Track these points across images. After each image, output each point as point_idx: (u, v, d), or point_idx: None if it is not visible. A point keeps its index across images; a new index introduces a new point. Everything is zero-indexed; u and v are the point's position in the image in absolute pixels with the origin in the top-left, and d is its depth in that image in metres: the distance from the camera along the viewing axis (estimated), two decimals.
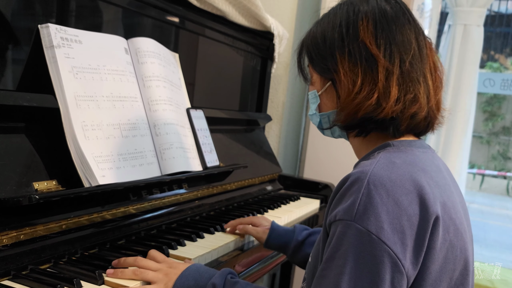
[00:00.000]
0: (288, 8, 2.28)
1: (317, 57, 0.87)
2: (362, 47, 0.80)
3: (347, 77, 0.81)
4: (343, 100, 0.82)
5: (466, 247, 0.77)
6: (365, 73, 0.79)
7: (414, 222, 0.70)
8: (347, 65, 0.81)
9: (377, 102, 0.79)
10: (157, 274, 0.89)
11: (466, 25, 2.79)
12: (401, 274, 0.68)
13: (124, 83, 1.18)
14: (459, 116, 2.78)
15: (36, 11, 1.09)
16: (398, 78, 0.79)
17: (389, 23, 0.81)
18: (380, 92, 0.78)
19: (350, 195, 0.72)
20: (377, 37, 0.80)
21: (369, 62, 0.79)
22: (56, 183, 0.99)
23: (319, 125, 0.93)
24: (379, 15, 0.82)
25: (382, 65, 0.79)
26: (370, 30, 0.80)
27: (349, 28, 0.82)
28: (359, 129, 0.84)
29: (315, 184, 1.96)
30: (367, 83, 0.79)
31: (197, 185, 1.42)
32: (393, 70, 0.79)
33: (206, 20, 1.62)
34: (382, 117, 0.79)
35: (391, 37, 0.80)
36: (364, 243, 0.68)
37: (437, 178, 0.77)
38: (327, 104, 0.89)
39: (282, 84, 2.31)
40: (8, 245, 0.86)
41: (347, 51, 0.81)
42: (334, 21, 0.85)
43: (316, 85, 0.90)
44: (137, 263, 0.92)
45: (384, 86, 0.79)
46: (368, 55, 0.80)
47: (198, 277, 0.87)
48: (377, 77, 0.79)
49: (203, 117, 1.47)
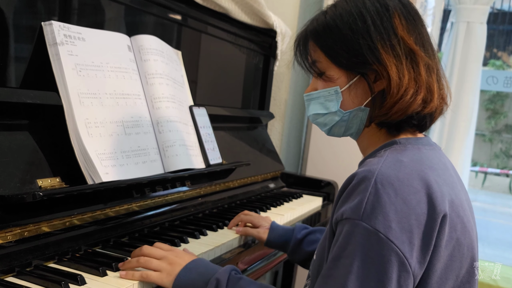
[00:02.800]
0: (290, 6, 2.28)
1: (344, 50, 0.80)
2: (402, 43, 0.79)
3: (393, 72, 0.77)
4: (392, 96, 0.78)
5: (473, 245, 0.77)
6: (410, 69, 0.78)
7: (422, 221, 0.69)
8: (392, 59, 0.78)
9: (424, 99, 0.79)
10: (160, 263, 0.88)
11: (469, 23, 2.78)
12: (407, 273, 0.68)
13: (127, 81, 1.18)
14: (461, 113, 2.78)
15: (39, 8, 1.09)
16: (437, 73, 0.81)
17: (416, 20, 0.82)
18: (425, 88, 0.79)
19: (357, 194, 0.71)
20: (410, 33, 0.80)
21: (411, 57, 0.79)
22: (60, 180, 0.99)
23: (333, 126, 0.87)
24: (405, 11, 0.81)
25: (423, 61, 0.79)
26: (404, 25, 0.80)
27: (383, 22, 0.79)
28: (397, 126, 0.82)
29: (318, 181, 1.96)
30: (412, 79, 0.78)
31: (200, 182, 1.42)
32: (433, 65, 0.80)
33: (209, 17, 1.62)
34: (426, 113, 0.80)
35: (419, 34, 0.81)
36: (371, 242, 0.68)
37: (444, 176, 0.76)
38: (354, 100, 0.83)
39: (284, 82, 2.31)
40: (12, 241, 0.86)
41: (389, 45, 0.78)
42: (359, 13, 0.80)
43: (339, 81, 0.83)
44: (142, 251, 0.92)
45: (427, 82, 0.79)
46: (407, 50, 0.79)
47: (203, 271, 0.86)
48: (420, 73, 0.78)
49: (206, 115, 1.47)
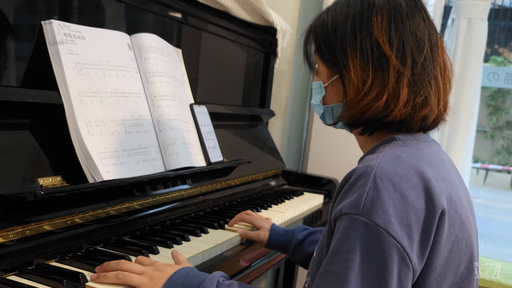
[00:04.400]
0: (291, 3, 2.27)
1: (326, 49, 0.84)
2: (374, 45, 0.78)
3: (357, 75, 0.78)
4: (351, 98, 0.80)
5: (471, 242, 0.77)
6: (376, 73, 0.78)
7: (420, 216, 0.69)
8: (358, 62, 0.79)
9: (386, 104, 0.77)
10: (141, 278, 0.81)
11: (470, 19, 2.77)
12: (407, 268, 0.68)
13: (127, 79, 1.18)
14: (463, 110, 2.77)
15: (39, 7, 1.09)
16: (409, 80, 0.77)
17: (404, 21, 0.79)
18: (389, 94, 0.77)
19: (356, 189, 0.71)
20: (390, 35, 0.78)
21: (381, 61, 0.78)
22: (61, 179, 0.99)
23: (321, 117, 0.92)
24: (394, 11, 0.79)
25: (393, 66, 0.77)
26: (384, 28, 0.78)
27: (362, 23, 0.79)
28: (363, 128, 0.83)
29: (319, 179, 1.96)
30: (377, 83, 0.78)
31: (201, 180, 1.42)
32: (405, 72, 0.77)
33: (209, 15, 1.62)
34: (390, 119, 0.78)
35: (405, 37, 0.78)
36: (372, 236, 0.68)
37: (442, 172, 0.77)
38: (333, 97, 0.87)
39: (285, 80, 2.31)
40: (14, 240, 0.87)
41: (359, 48, 0.79)
42: (347, 13, 0.81)
43: (322, 77, 0.87)
44: (120, 266, 0.84)
45: (394, 88, 0.77)
46: (380, 54, 0.78)
47: (188, 282, 0.80)
48: (388, 78, 0.77)
49: (207, 113, 1.47)
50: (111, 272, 0.83)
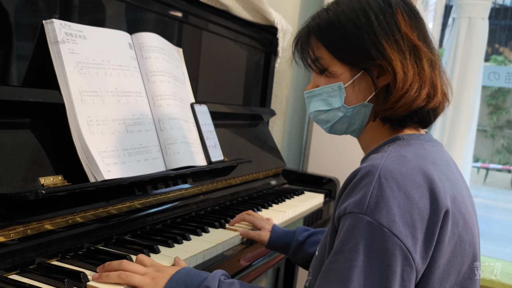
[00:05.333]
0: (291, 2, 2.27)
1: (347, 46, 0.81)
2: (405, 39, 0.79)
3: (398, 66, 0.78)
4: (397, 91, 0.78)
5: (474, 241, 0.77)
6: (414, 64, 0.79)
7: (424, 216, 0.69)
8: (397, 54, 0.79)
9: (428, 94, 0.80)
10: (143, 278, 0.82)
11: (471, 18, 2.77)
12: (411, 268, 0.68)
13: (128, 78, 1.18)
14: (463, 109, 2.77)
15: (40, 6, 1.09)
16: (439, 69, 0.82)
17: (417, 17, 0.83)
18: (429, 84, 0.80)
19: (361, 188, 0.71)
20: (413, 29, 0.81)
21: (415, 53, 0.80)
22: (62, 178, 0.99)
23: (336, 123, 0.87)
24: (407, 8, 0.82)
25: (426, 56, 0.80)
26: (407, 22, 0.81)
27: (386, 17, 0.80)
28: (401, 121, 0.83)
29: (319, 178, 1.97)
30: (416, 74, 0.79)
31: (202, 179, 1.42)
32: (435, 60, 0.81)
33: (210, 14, 1.62)
34: (430, 108, 0.81)
35: (421, 30, 0.82)
36: (375, 236, 0.68)
37: (446, 172, 0.77)
38: (358, 96, 0.83)
39: (286, 79, 2.31)
40: (15, 239, 0.87)
41: (393, 40, 0.79)
42: (362, 9, 0.81)
43: (342, 77, 0.83)
44: (122, 266, 0.85)
45: (431, 77, 0.80)
46: (411, 46, 0.79)
47: (189, 281, 0.81)
48: (423, 69, 0.79)
49: (207, 112, 1.47)
50: (113, 272, 0.84)
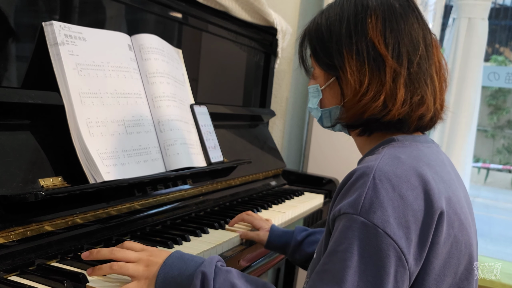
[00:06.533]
0: (291, 3, 2.27)
1: (322, 52, 0.84)
2: (370, 46, 0.78)
3: (353, 77, 0.79)
4: (349, 100, 0.80)
5: (470, 242, 0.77)
6: (372, 74, 0.78)
7: (419, 217, 0.70)
8: (354, 64, 0.79)
9: (384, 104, 0.78)
10: (137, 267, 0.80)
11: (471, 19, 2.77)
12: (404, 269, 0.68)
13: (128, 80, 1.18)
14: (463, 110, 2.77)
15: (40, 8, 1.09)
16: (406, 79, 0.78)
17: (398, 22, 0.79)
18: (387, 94, 0.77)
19: (356, 189, 0.71)
20: (385, 36, 0.78)
21: (377, 62, 0.78)
22: (62, 179, 0.99)
23: (319, 120, 0.92)
24: (388, 12, 0.79)
25: (390, 66, 0.77)
26: (379, 29, 0.78)
27: (357, 25, 0.80)
28: (362, 129, 0.84)
29: (319, 179, 1.97)
30: (374, 84, 0.78)
31: (202, 180, 1.42)
32: (401, 71, 0.77)
33: (209, 15, 1.62)
34: (388, 119, 0.79)
35: (400, 37, 0.78)
36: (369, 236, 0.68)
37: (441, 173, 0.77)
38: (330, 100, 0.87)
39: (285, 80, 2.31)
40: (15, 241, 0.87)
41: (354, 49, 0.79)
42: (341, 15, 0.82)
43: (319, 80, 0.88)
44: (113, 255, 0.82)
45: (391, 87, 0.77)
46: (376, 54, 0.78)
47: (183, 266, 0.78)
48: (384, 78, 0.77)
49: (207, 113, 1.47)
50: (105, 264, 0.81)
